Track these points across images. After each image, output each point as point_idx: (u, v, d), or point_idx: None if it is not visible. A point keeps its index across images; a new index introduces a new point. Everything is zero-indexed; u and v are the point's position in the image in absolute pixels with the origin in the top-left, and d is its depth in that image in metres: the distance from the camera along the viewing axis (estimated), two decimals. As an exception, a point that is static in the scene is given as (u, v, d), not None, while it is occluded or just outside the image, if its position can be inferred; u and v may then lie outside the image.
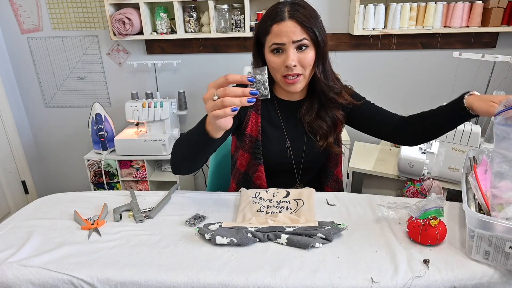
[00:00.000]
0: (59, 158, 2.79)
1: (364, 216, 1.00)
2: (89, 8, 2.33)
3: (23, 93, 2.60)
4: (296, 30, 1.02)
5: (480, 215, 0.76)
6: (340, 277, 0.77)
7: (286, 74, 1.06)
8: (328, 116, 1.18)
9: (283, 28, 1.02)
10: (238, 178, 1.26)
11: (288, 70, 1.05)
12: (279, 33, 1.03)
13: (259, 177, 1.20)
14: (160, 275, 0.79)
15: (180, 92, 2.42)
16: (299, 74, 1.07)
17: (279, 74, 1.08)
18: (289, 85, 1.09)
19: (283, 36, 1.03)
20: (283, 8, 1.04)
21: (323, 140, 1.19)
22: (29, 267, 0.82)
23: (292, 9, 1.03)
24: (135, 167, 2.31)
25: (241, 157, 1.22)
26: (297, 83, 1.08)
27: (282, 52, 1.05)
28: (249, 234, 0.89)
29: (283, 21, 1.02)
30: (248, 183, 1.23)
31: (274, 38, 1.04)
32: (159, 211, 1.05)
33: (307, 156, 1.22)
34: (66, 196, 1.16)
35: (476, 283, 0.77)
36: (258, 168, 1.19)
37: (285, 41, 1.03)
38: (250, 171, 1.22)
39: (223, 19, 2.19)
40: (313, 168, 1.27)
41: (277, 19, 1.03)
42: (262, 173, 1.19)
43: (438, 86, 2.33)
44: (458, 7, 2.01)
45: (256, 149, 1.19)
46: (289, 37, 1.02)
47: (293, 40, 1.03)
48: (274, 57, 1.06)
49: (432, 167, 1.70)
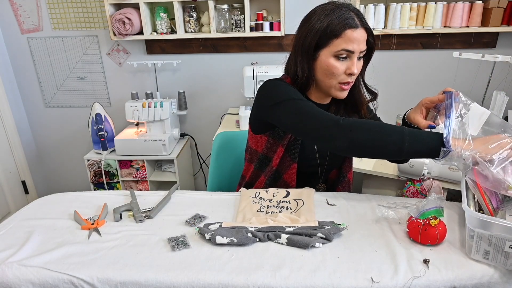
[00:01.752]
0: (59, 158, 2.79)
1: (364, 216, 1.00)
2: (89, 8, 2.33)
3: (23, 93, 2.60)
4: (364, 41, 1.02)
5: (480, 214, 0.77)
6: (340, 277, 0.77)
7: (346, 81, 1.05)
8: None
9: (357, 36, 1.00)
10: (268, 175, 1.21)
11: (348, 78, 1.05)
12: (352, 39, 1.00)
13: (290, 175, 1.18)
14: (160, 275, 0.79)
15: (180, 92, 2.42)
16: (351, 81, 1.07)
17: (337, 80, 1.06)
18: (342, 91, 1.08)
19: (355, 43, 1.00)
20: (351, 14, 1.01)
21: None
22: (29, 267, 0.82)
23: (360, 17, 1.02)
24: (135, 167, 2.31)
25: (276, 154, 1.18)
26: (347, 90, 1.09)
27: (346, 58, 1.03)
28: (249, 234, 0.89)
29: (358, 28, 1.00)
30: (276, 180, 1.20)
31: (345, 44, 1.00)
32: (159, 211, 1.05)
33: (330, 159, 1.22)
34: (66, 196, 1.16)
35: (476, 283, 0.77)
36: (291, 166, 1.17)
37: (355, 49, 1.01)
38: (281, 169, 1.19)
39: (223, 19, 2.19)
40: (332, 170, 1.28)
41: (352, 25, 1.00)
42: (294, 171, 1.17)
43: (438, 86, 2.33)
44: (458, 7, 2.01)
45: (294, 146, 1.15)
46: (359, 45, 1.01)
47: (361, 50, 1.02)
48: (338, 62, 1.03)
49: (432, 167, 1.70)
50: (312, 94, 1.15)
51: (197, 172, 2.74)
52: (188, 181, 2.63)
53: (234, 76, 2.41)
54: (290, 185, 1.18)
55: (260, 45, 2.32)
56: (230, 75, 2.41)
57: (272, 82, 1.11)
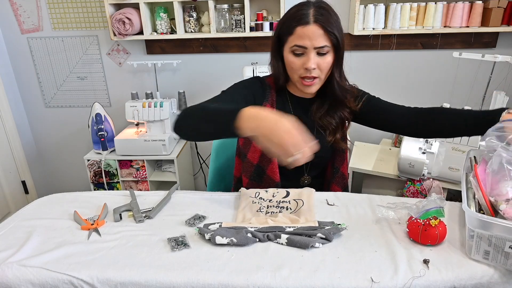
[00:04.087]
0: (59, 158, 2.79)
1: (364, 216, 1.00)
2: (89, 8, 2.33)
3: (23, 93, 2.60)
4: (319, 36, 1.03)
5: (480, 215, 0.76)
6: (340, 277, 0.77)
7: (304, 76, 1.08)
8: (336, 114, 1.21)
9: (307, 32, 1.03)
10: (250, 172, 1.24)
11: (306, 73, 1.07)
12: (303, 36, 1.03)
13: (272, 169, 1.20)
14: (160, 275, 0.79)
15: (180, 92, 2.42)
16: (315, 77, 1.09)
17: (297, 75, 1.10)
18: (305, 87, 1.12)
19: (306, 39, 1.03)
20: (308, 11, 1.04)
21: (331, 135, 1.21)
22: (29, 267, 0.82)
23: (317, 13, 1.03)
24: (135, 167, 2.31)
25: (253, 150, 1.22)
26: (313, 86, 1.11)
27: (303, 54, 1.06)
28: (249, 234, 0.89)
29: (308, 25, 1.03)
30: (261, 175, 1.22)
31: (297, 40, 1.05)
32: (159, 211, 1.05)
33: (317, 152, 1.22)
34: (66, 196, 1.16)
35: (476, 283, 0.77)
36: (272, 160, 1.19)
37: (308, 45, 1.04)
38: (263, 164, 1.21)
39: (223, 19, 2.19)
40: (320, 163, 1.28)
41: (302, 22, 1.03)
42: (275, 165, 1.20)
43: (438, 86, 2.33)
44: (458, 7, 2.01)
45: None
46: (311, 42, 1.03)
47: (315, 47, 1.04)
48: (294, 58, 1.08)
49: (432, 167, 1.70)
50: (292, 88, 1.22)
51: (197, 172, 2.74)
52: (188, 181, 2.63)
53: (234, 76, 2.38)
54: (274, 179, 1.20)
55: (260, 45, 2.32)
56: (230, 75, 2.41)
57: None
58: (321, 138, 1.21)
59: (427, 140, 1.72)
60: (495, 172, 0.83)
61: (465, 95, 2.25)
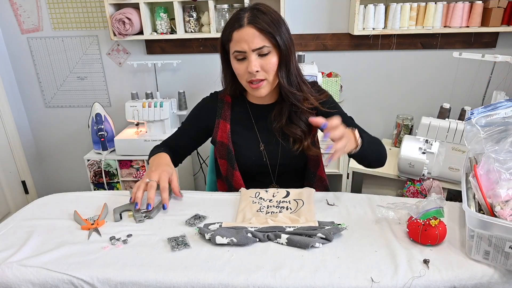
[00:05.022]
0: (59, 158, 2.79)
1: (364, 216, 1.00)
2: (89, 8, 2.33)
3: (23, 93, 2.60)
4: (254, 37, 1.03)
5: (480, 215, 0.76)
6: (340, 277, 0.77)
7: (251, 80, 1.08)
8: (301, 120, 1.17)
9: (242, 35, 1.04)
10: (223, 182, 1.28)
11: (251, 76, 1.07)
12: (239, 40, 1.04)
13: (236, 181, 1.21)
14: (160, 275, 0.79)
15: (180, 92, 2.42)
16: (262, 79, 1.08)
17: (244, 80, 1.11)
18: (253, 90, 1.11)
19: (243, 43, 1.04)
20: (243, 15, 1.05)
21: (298, 143, 1.17)
22: (29, 267, 0.82)
23: (251, 15, 1.04)
24: (135, 167, 2.31)
25: (221, 164, 1.25)
26: (261, 88, 1.10)
27: (244, 58, 1.07)
28: (249, 234, 0.89)
29: (242, 28, 1.04)
30: (230, 187, 1.25)
31: (235, 46, 1.06)
32: (159, 211, 1.05)
33: (283, 159, 1.22)
34: (66, 196, 1.16)
35: (476, 283, 0.77)
36: (234, 174, 1.21)
37: (246, 49, 1.04)
38: (228, 176, 1.23)
39: (223, 19, 2.19)
40: (291, 170, 1.26)
41: (236, 26, 1.05)
42: (238, 177, 1.21)
43: (438, 86, 2.33)
44: (458, 7, 2.01)
45: (229, 155, 1.20)
46: (248, 44, 1.04)
47: (253, 49, 1.04)
48: (238, 64, 1.09)
49: (432, 167, 1.70)
50: (250, 96, 1.23)
51: (197, 172, 2.74)
52: (188, 181, 2.63)
53: (234, 76, 2.40)
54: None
55: (260, 45, 2.32)
56: (230, 75, 2.41)
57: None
58: (288, 145, 1.19)
59: (427, 140, 1.72)
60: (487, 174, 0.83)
61: (465, 95, 2.25)
